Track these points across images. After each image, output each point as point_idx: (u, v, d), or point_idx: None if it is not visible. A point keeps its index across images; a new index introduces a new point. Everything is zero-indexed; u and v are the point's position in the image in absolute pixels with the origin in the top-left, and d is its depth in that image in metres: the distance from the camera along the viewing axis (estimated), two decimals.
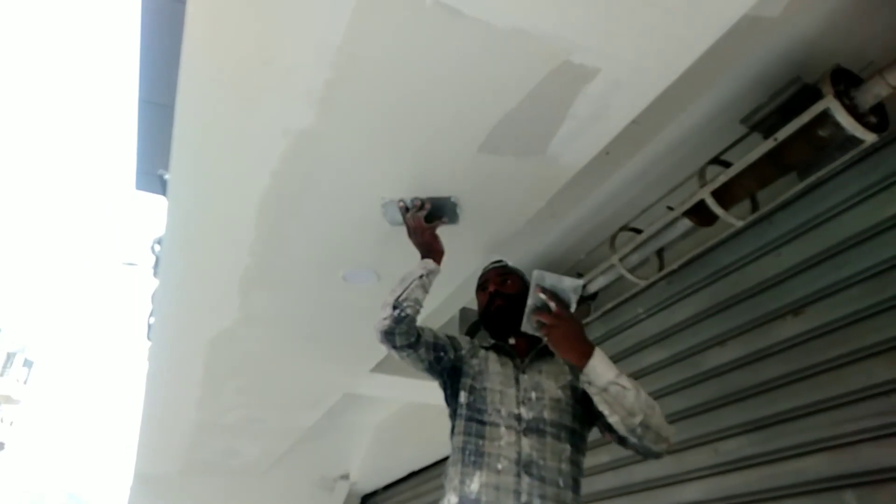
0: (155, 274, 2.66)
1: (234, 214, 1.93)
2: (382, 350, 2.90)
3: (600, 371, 1.33)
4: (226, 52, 1.38)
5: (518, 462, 1.39)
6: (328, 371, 3.16)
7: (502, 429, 1.44)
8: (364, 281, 2.28)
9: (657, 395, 2.22)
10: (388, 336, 1.55)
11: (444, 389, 1.63)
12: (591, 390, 1.34)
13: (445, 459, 1.49)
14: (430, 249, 1.69)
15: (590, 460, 1.75)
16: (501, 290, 1.67)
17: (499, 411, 1.47)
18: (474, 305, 2.96)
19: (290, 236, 2.04)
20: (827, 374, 1.69)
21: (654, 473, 2.18)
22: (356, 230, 2.00)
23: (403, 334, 1.54)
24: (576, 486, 1.43)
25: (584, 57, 1.35)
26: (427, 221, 1.77)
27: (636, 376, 2.34)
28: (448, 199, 1.81)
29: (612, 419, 1.33)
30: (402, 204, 1.79)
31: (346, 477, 5.73)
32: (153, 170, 2.88)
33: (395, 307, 1.54)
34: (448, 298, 2.45)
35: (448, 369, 1.60)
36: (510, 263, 1.79)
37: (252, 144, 1.64)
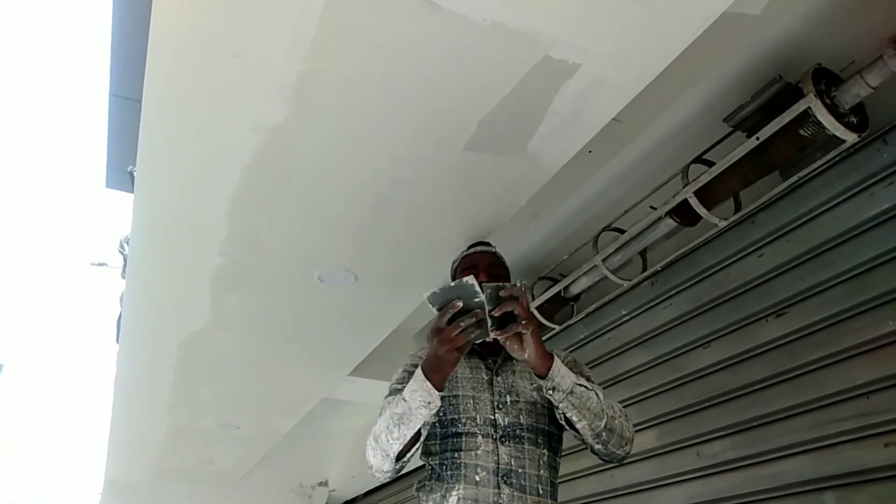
0: (123, 275, 2.58)
1: (205, 212, 1.86)
2: (361, 353, 2.89)
3: (564, 373, 1.25)
4: (194, 44, 1.32)
5: (496, 472, 1.31)
6: (304, 375, 3.10)
7: (479, 437, 1.34)
8: (340, 282, 2.23)
9: (641, 398, 2.22)
10: (389, 478, 1.40)
11: None
12: (557, 396, 1.25)
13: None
14: (442, 369, 1.26)
15: (572, 465, 1.73)
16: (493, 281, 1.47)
17: (473, 419, 1.36)
18: None
19: (263, 235, 1.98)
20: (808, 376, 1.69)
21: (637, 477, 2.16)
22: (332, 229, 1.94)
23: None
24: (554, 493, 1.38)
25: (565, 52, 1.33)
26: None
27: (620, 379, 2.34)
28: (511, 285, 1.25)
29: (580, 425, 1.27)
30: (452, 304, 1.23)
31: (324, 484, 5.65)
32: (124, 167, 2.78)
33: (397, 462, 1.31)
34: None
35: None
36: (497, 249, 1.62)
37: (222, 140, 1.58)
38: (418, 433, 1.29)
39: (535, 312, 2.53)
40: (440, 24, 1.25)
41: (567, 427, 1.39)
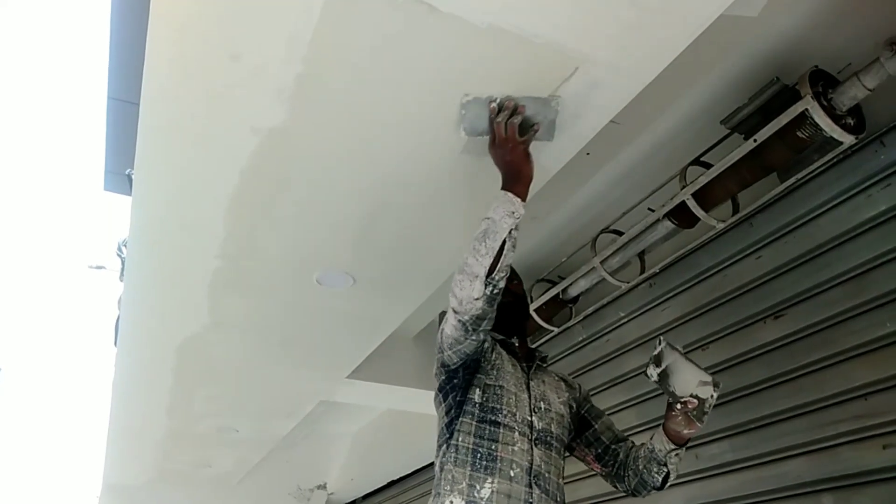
0: (121, 278, 2.57)
1: (203, 215, 1.86)
2: (360, 356, 2.88)
3: None
4: (191, 46, 1.32)
5: (529, 472, 1.34)
6: (302, 378, 3.09)
7: (517, 434, 1.36)
8: (339, 284, 2.22)
9: (639, 401, 2.22)
10: (477, 322, 1.28)
11: (449, 381, 1.42)
12: (675, 459, 1.40)
13: (426, 467, 1.43)
14: (520, 173, 1.33)
15: (573, 467, 1.73)
16: (510, 287, 1.51)
17: (514, 415, 1.38)
18: None
19: (261, 238, 1.97)
20: (806, 378, 1.69)
21: None
22: (330, 231, 1.94)
23: (491, 318, 1.30)
24: (565, 502, 1.43)
25: (562, 55, 1.32)
26: (519, 134, 1.40)
27: (618, 381, 2.33)
28: (548, 100, 1.41)
29: (672, 476, 1.42)
30: (493, 105, 1.40)
31: (323, 487, 5.63)
32: (122, 170, 2.78)
33: (487, 282, 1.22)
34: (424, 302, 2.40)
35: (473, 361, 1.41)
36: None
37: (220, 142, 1.58)
38: (502, 250, 1.25)
39: (535, 315, 2.53)
40: (437, 27, 1.24)
41: (590, 447, 1.55)
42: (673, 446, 1.40)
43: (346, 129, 1.53)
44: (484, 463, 1.31)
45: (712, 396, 1.35)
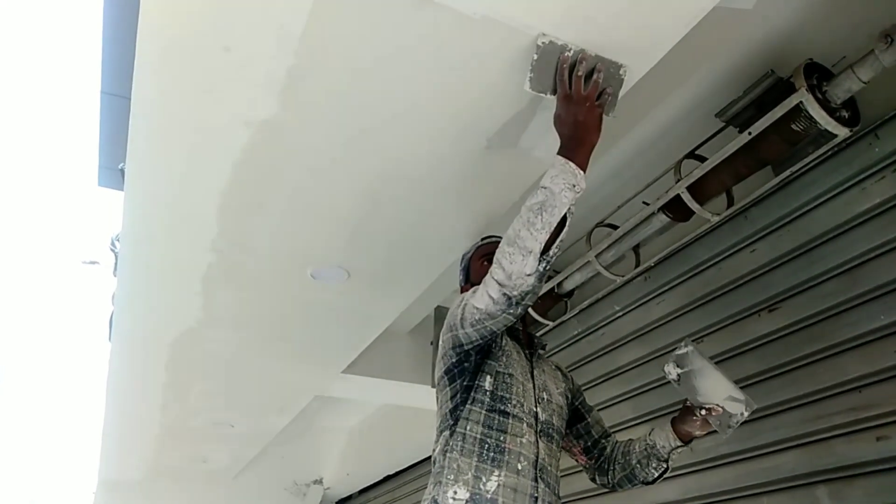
0: (115, 273, 2.56)
1: (195, 209, 1.85)
2: (354, 351, 2.88)
3: None
4: (182, 38, 1.31)
5: (535, 465, 1.28)
6: (297, 373, 3.08)
7: (525, 425, 1.29)
8: (333, 279, 2.21)
9: (634, 394, 2.22)
10: (527, 298, 1.16)
11: (459, 363, 1.33)
12: (684, 451, 1.43)
13: (422, 462, 1.42)
14: (586, 138, 1.16)
15: (567, 461, 1.73)
16: None
17: (522, 405, 1.31)
18: (449, 304, 2.93)
19: (254, 232, 1.96)
20: (801, 370, 1.70)
21: None
22: (324, 226, 1.93)
23: (537, 294, 1.18)
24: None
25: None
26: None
27: (613, 375, 2.34)
28: (617, 66, 1.25)
29: (662, 472, 1.45)
30: (567, 55, 1.22)
31: (319, 482, 5.64)
32: (116, 165, 2.76)
33: (542, 259, 1.12)
34: (419, 296, 2.39)
35: (487, 344, 1.33)
36: None
37: (212, 135, 1.57)
38: (561, 225, 1.14)
39: (530, 309, 2.53)
40: (430, 17, 1.23)
41: (579, 440, 1.55)
42: (679, 443, 1.40)
43: (339, 122, 1.52)
44: (491, 454, 1.24)
45: (742, 414, 1.34)
